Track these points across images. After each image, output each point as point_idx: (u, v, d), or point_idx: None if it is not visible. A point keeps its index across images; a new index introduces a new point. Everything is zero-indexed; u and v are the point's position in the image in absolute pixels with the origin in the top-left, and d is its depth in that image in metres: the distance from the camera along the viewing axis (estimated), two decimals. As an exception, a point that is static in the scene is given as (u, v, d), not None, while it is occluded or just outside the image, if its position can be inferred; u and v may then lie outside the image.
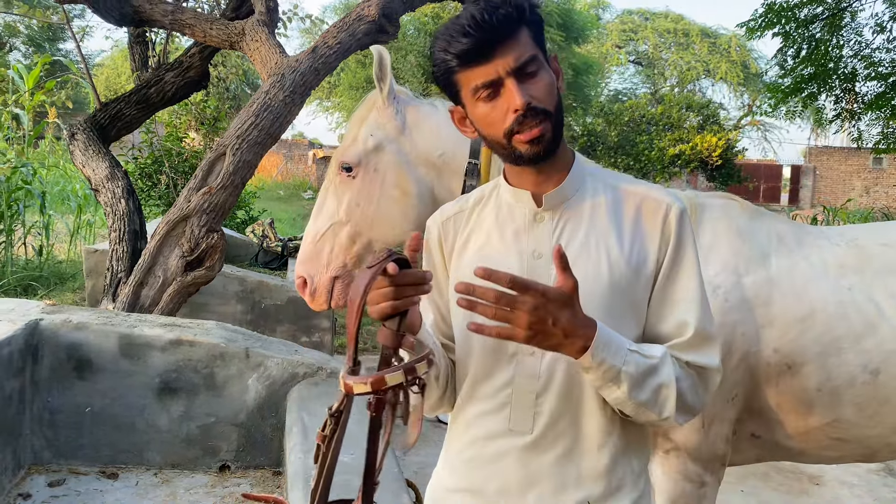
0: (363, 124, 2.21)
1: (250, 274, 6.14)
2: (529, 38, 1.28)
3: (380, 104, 2.20)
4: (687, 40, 31.58)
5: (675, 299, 1.34)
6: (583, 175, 1.38)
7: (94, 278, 5.70)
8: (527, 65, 1.26)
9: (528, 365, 1.32)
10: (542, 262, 1.32)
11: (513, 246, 1.36)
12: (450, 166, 2.15)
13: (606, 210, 1.34)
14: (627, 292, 1.31)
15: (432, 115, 2.23)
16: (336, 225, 2.21)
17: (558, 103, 1.30)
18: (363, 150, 2.17)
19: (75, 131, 5.01)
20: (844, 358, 1.95)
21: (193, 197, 4.12)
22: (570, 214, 1.35)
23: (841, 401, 1.97)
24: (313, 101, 23.35)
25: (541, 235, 1.34)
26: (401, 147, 2.17)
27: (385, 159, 2.16)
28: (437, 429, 5.29)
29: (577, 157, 1.40)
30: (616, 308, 1.31)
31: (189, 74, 5.34)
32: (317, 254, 2.22)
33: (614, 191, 1.37)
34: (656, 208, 1.35)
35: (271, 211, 12.83)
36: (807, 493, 4.01)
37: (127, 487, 3.10)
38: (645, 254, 1.33)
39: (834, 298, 1.99)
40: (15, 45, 25.54)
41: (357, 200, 2.17)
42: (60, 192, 10.53)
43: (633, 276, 1.31)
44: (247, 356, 3.31)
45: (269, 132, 4.23)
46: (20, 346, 3.04)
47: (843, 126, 12.85)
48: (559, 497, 1.32)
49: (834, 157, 30.91)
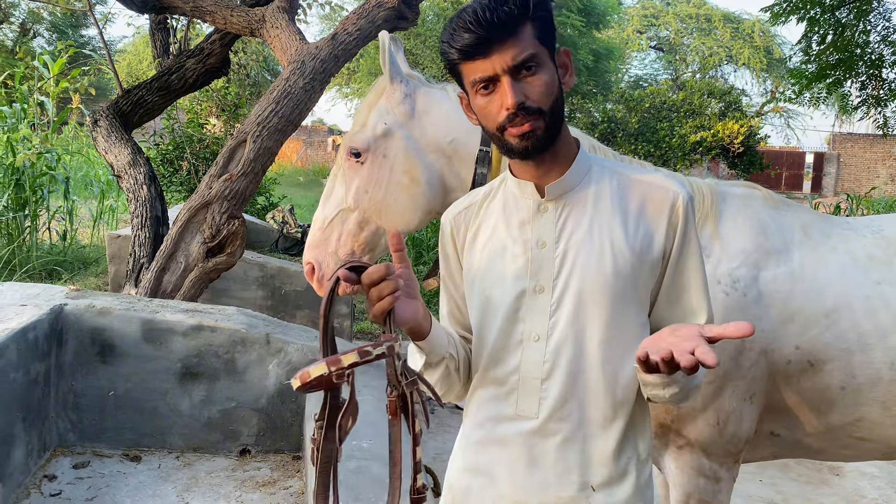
0: (372, 110, 2.18)
1: (270, 260, 6.18)
2: (532, 35, 1.29)
3: (388, 89, 2.16)
4: (709, 26, 31.17)
5: (683, 286, 1.39)
6: (588, 165, 1.40)
7: (117, 263, 5.77)
8: (525, 63, 1.28)
9: (533, 351, 1.36)
10: (546, 252, 1.37)
11: (518, 236, 1.39)
12: (460, 153, 2.12)
13: (611, 198, 1.38)
14: (631, 278, 1.35)
15: (443, 101, 2.18)
16: (344, 211, 2.18)
17: (556, 100, 1.32)
18: (372, 135, 2.13)
19: (98, 118, 5.05)
20: (870, 355, 1.89)
21: (214, 184, 4.15)
22: (573, 204, 1.38)
23: (865, 399, 1.91)
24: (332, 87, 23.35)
25: (545, 225, 1.38)
26: (410, 133, 2.13)
27: (394, 145, 2.13)
28: (454, 414, 5.32)
29: (582, 149, 1.42)
30: (620, 294, 1.34)
31: (210, 61, 5.36)
32: (325, 240, 2.21)
33: (620, 179, 1.40)
34: (664, 196, 1.38)
35: (291, 197, 12.89)
36: (827, 483, 3.99)
37: (150, 470, 3.15)
38: (650, 240, 1.36)
39: (861, 293, 1.92)
40: (39, 31, 25.75)
41: (365, 187, 2.14)
42: (84, 178, 10.66)
43: (638, 262, 1.35)
44: (267, 342, 3.34)
45: (289, 119, 4.25)
46: (45, 330, 3.09)
47: (869, 113, 12.63)
48: (563, 480, 1.36)
49: (858, 145, 30.44)
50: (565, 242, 1.37)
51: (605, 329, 1.35)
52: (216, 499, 2.94)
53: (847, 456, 2.08)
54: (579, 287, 1.34)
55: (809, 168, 31.68)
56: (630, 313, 1.36)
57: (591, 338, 1.35)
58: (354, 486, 2.23)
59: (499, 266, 1.40)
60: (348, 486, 2.23)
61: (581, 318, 1.35)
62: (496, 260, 1.41)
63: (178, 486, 3.03)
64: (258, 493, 3.01)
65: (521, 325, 1.38)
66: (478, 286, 1.44)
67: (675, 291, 1.40)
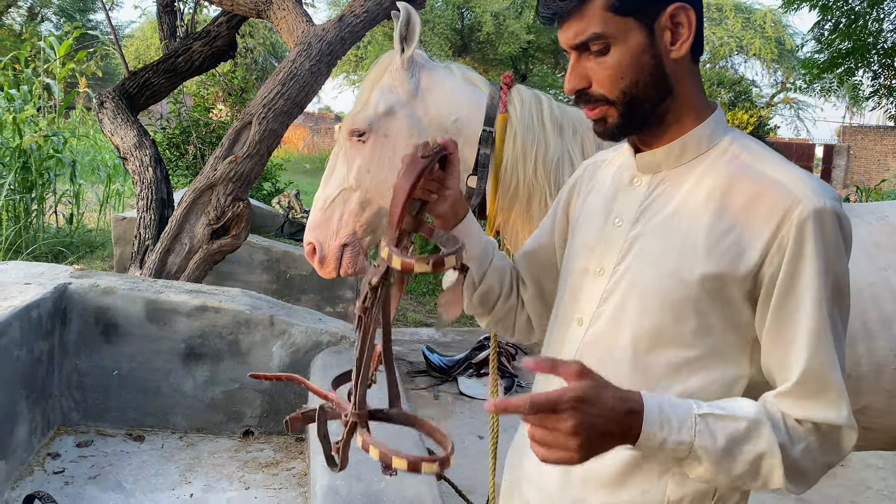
0: (375, 87, 2.13)
1: (276, 244, 6.18)
2: (603, 8, 1.09)
3: (394, 67, 2.10)
4: (720, 15, 30.90)
5: (781, 329, 1.06)
6: (708, 143, 1.16)
7: (123, 245, 5.77)
8: (589, 42, 1.11)
9: (575, 334, 1.23)
10: (619, 231, 1.19)
11: (604, 208, 1.24)
12: (463, 133, 2.07)
13: (712, 186, 1.11)
14: (696, 290, 1.08)
15: (447, 80, 2.13)
16: (346, 191, 2.13)
17: (631, 85, 1.12)
18: (374, 114, 2.08)
19: (104, 100, 5.04)
20: (875, 343, 1.84)
21: (219, 165, 4.14)
22: (669, 184, 1.16)
23: (870, 388, 1.87)
24: (340, 74, 23.27)
25: (630, 201, 1.20)
26: (413, 111, 2.08)
27: (397, 124, 2.08)
28: (458, 401, 5.31)
29: (707, 123, 1.16)
30: (675, 305, 1.10)
31: (216, 44, 5.34)
32: (326, 220, 2.16)
33: (738, 167, 1.11)
34: (777, 199, 1.05)
35: (297, 183, 12.87)
36: (831, 475, 3.97)
37: (153, 450, 3.15)
38: (739, 252, 1.07)
39: (866, 280, 1.88)
40: (46, 15, 25.75)
41: (367, 166, 2.09)
42: (91, 162, 10.66)
43: (713, 275, 1.07)
44: (271, 323, 3.34)
45: (295, 101, 4.22)
46: (49, 309, 3.08)
47: (881, 103, 12.52)
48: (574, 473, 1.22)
49: (868, 137, 30.23)
50: (643, 225, 1.16)
51: (643, 341, 1.13)
52: (219, 479, 2.94)
53: None
54: (633, 280, 1.15)
55: (819, 160, 31.50)
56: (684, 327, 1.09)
57: (624, 346, 1.14)
58: (356, 466, 2.22)
59: (583, 235, 1.27)
60: (351, 466, 2.21)
61: (622, 317, 1.15)
62: (585, 227, 1.27)
63: (180, 465, 3.03)
64: (261, 473, 3.01)
65: (576, 304, 1.23)
66: (567, 251, 1.32)
67: (774, 335, 1.07)
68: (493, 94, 2.10)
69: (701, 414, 1.01)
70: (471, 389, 5.50)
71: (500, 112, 2.07)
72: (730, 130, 1.18)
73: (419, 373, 5.82)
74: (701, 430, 0.99)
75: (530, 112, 2.09)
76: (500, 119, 2.07)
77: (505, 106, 2.07)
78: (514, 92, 2.12)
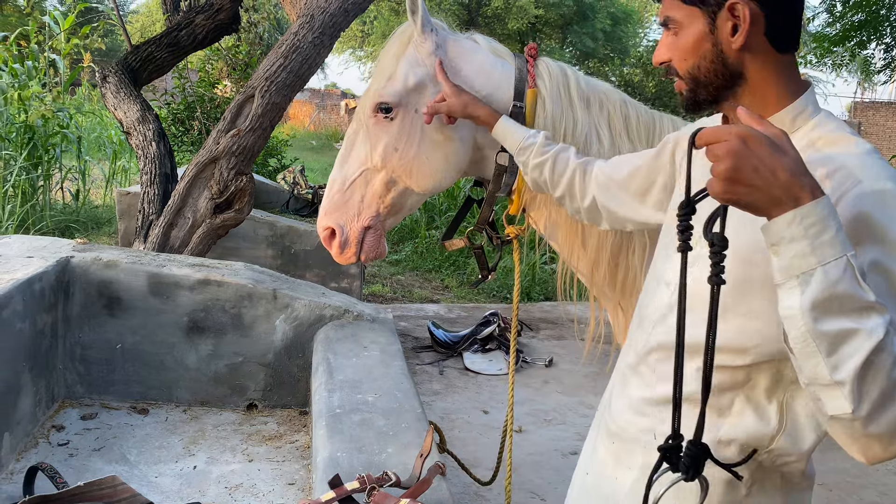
0: (401, 61, 2.03)
1: (280, 219, 6.16)
2: None
3: (416, 38, 2.03)
4: (731, -11, 30.52)
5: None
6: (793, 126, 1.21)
7: (127, 220, 5.78)
8: (667, 22, 1.29)
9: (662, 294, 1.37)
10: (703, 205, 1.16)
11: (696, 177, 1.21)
12: (493, 108, 1.99)
13: None
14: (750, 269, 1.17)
15: (476, 52, 2.06)
16: (369, 171, 2.03)
17: (696, 66, 1.25)
18: (403, 88, 1.99)
19: (107, 74, 5.01)
20: None
21: (222, 139, 4.11)
22: None
23: None
24: (346, 50, 23.14)
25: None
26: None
27: (427, 101, 1.99)
28: (463, 376, 5.32)
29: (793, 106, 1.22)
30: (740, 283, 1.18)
31: (219, 17, 5.29)
32: (345, 203, 2.05)
33: (814, 150, 1.17)
34: (839, 183, 1.10)
35: (303, 160, 12.83)
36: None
37: (157, 423, 3.16)
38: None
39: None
40: (51, -9, 25.60)
41: (395, 145, 2.00)
42: (97, 139, 10.65)
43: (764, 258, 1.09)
44: (274, 297, 3.32)
45: (297, 74, 4.18)
46: (52, 282, 3.08)
47: (893, 77, 12.36)
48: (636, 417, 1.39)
49: (880, 113, 29.88)
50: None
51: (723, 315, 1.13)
52: (222, 451, 2.94)
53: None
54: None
55: (830, 136, 31.22)
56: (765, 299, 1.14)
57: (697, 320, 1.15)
58: (358, 437, 2.22)
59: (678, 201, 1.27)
60: (353, 438, 2.22)
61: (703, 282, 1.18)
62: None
63: (184, 438, 3.04)
64: (264, 446, 3.01)
65: (666, 263, 1.36)
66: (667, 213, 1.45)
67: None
68: (520, 66, 2.04)
69: (851, 256, 0.95)
70: (475, 365, 5.50)
71: (529, 86, 2.01)
72: (816, 113, 1.23)
73: (425, 348, 5.83)
74: (837, 264, 0.94)
75: (558, 86, 2.03)
76: (530, 94, 2.01)
77: (534, 80, 2.01)
78: (541, 64, 2.06)
